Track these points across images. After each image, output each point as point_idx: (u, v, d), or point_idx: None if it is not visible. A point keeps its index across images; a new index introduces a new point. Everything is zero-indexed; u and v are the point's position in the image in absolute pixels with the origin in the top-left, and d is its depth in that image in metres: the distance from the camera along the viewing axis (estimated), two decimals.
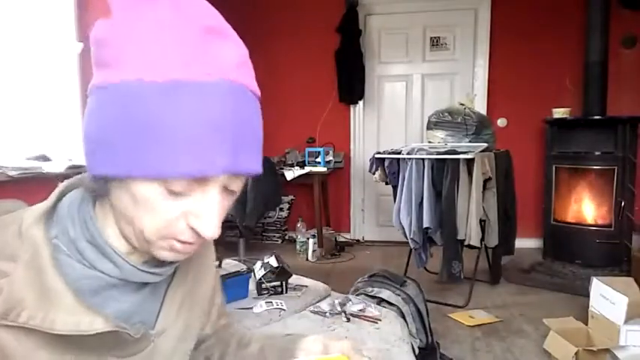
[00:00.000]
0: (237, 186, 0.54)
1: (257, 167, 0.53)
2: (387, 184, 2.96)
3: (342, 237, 4.26)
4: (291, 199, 4.29)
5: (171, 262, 0.59)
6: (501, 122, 3.98)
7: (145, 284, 0.61)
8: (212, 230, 0.51)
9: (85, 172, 0.56)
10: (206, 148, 0.47)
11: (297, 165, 3.81)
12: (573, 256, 3.31)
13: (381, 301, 1.76)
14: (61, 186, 0.58)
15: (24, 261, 0.51)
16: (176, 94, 0.46)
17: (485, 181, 2.68)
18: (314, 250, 3.73)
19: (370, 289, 1.84)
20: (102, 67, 0.49)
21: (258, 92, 0.56)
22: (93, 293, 0.55)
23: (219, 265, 2.47)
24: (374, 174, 2.96)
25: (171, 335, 0.67)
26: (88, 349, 0.55)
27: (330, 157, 3.92)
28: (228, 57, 0.50)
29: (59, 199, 0.58)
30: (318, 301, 1.69)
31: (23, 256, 0.51)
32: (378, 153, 2.93)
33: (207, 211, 0.50)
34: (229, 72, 0.50)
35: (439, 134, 2.91)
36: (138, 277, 0.58)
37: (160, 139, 0.46)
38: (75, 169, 1.76)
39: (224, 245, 4.14)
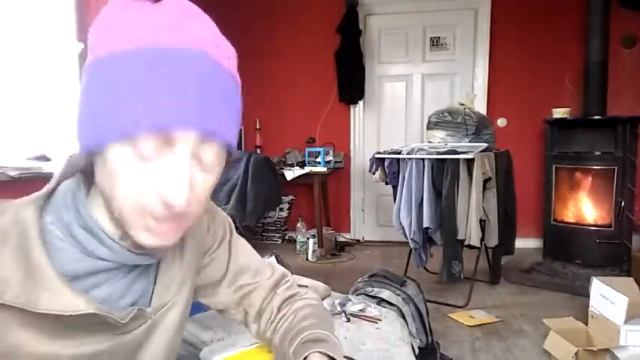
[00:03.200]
0: (209, 156, 0.53)
1: (227, 134, 0.54)
2: (387, 184, 2.95)
3: (342, 237, 4.26)
4: (291, 199, 4.29)
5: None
6: (501, 122, 3.98)
7: (135, 267, 0.61)
8: (180, 197, 0.50)
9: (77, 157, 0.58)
10: (171, 103, 0.48)
11: (297, 165, 3.81)
12: (573, 256, 3.31)
13: (381, 301, 1.76)
14: (57, 174, 0.59)
15: (12, 243, 0.52)
16: (144, 58, 0.49)
17: (485, 181, 2.68)
18: (314, 250, 3.73)
19: (370, 289, 1.84)
20: (89, 52, 0.53)
21: (236, 75, 0.57)
22: (84, 276, 0.56)
23: None
24: (374, 174, 2.96)
25: (174, 310, 0.68)
26: (72, 329, 0.56)
27: (330, 157, 3.92)
28: (199, 31, 0.53)
29: (56, 186, 0.59)
30: None
31: (12, 238, 0.52)
32: (378, 153, 2.93)
33: (175, 177, 0.50)
34: (201, 44, 0.52)
35: (439, 134, 2.91)
36: (132, 260, 0.58)
37: (127, 98, 0.48)
38: None
39: None
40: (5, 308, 0.51)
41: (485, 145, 2.78)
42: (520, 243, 3.43)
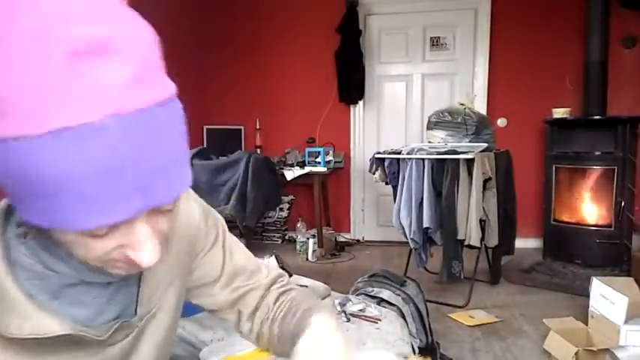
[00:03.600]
0: (169, 206, 0.48)
1: (178, 190, 0.46)
2: (387, 184, 2.95)
3: (342, 237, 4.26)
4: (291, 199, 4.29)
5: None
6: (501, 122, 3.98)
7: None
8: (150, 259, 0.47)
9: None
10: (108, 197, 0.41)
11: (297, 165, 3.81)
12: (573, 256, 3.31)
13: (381, 301, 1.76)
14: None
15: None
16: (58, 146, 0.38)
17: (485, 181, 2.68)
18: (314, 250, 3.73)
19: (370, 289, 1.84)
20: None
21: (170, 92, 0.45)
22: (55, 294, 0.53)
23: None
24: (374, 174, 2.96)
25: (162, 314, 0.66)
26: (53, 347, 0.53)
27: (330, 157, 3.92)
28: (110, 82, 0.39)
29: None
30: None
31: None
32: (378, 153, 2.94)
33: (139, 244, 0.47)
34: (118, 101, 0.39)
35: (439, 134, 2.91)
36: (99, 279, 0.55)
37: (57, 197, 0.40)
38: None
39: None
40: None
41: (486, 145, 2.78)
42: (520, 243, 3.43)
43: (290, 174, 3.64)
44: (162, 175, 0.43)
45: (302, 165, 3.80)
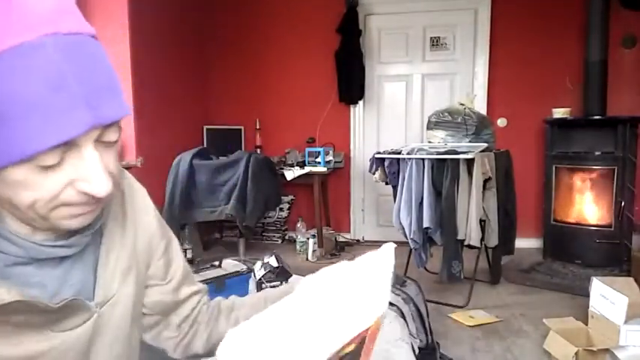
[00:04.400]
0: (112, 136, 0.50)
1: (121, 111, 0.49)
2: (387, 184, 2.95)
3: (342, 237, 4.26)
4: (291, 199, 4.29)
5: (84, 229, 0.56)
6: (501, 122, 3.98)
7: (63, 258, 0.57)
8: (103, 188, 0.49)
9: None
10: (56, 111, 0.43)
11: (297, 165, 3.81)
12: (573, 256, 3.31)
13: None
14: None
15: None
16: (2, 66, 0.42)
17: (485, 181, 2.68)
18: (314, 250, 3.73)
19: None
20: None
21: (92, 31, 0.49)
22: (3, 275, 0.52)
23: (219, 265, 2.47)
24: (374, 174, 2.96)
25: (122, 302, 0.65)
26: (15, 325, 0.52)
27: (330, 157, 3.91)
28: (43, 7, 0.44)
29: None
30: None
31: None
32: (378, 153, 2.93)
33: (91, 172, 0.48)
34: (49, 24, 0.44)
35: (439, 134, 2.91)
36: (45, 254, 0.55)
37: (4, 119, 0.42)
38: None
39: (224, 245, 4.14)
40: None
41: (486, 145, 2.78)
42: (520, 243, 3.43)
43: (290, 174, 3.64)
44: (105, 94, 0.47)
45: (302, 165, 3.79)
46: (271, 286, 1.69)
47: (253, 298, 0.83)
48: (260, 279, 1.68)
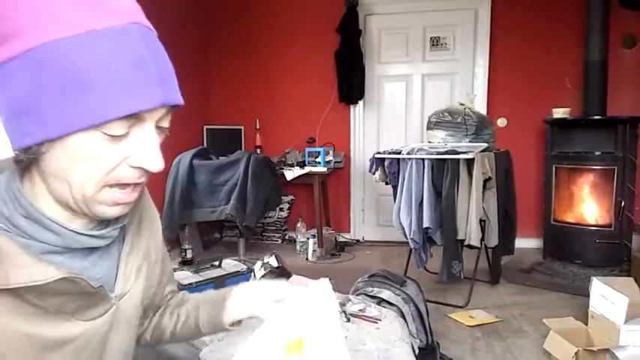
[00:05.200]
0: (167, 122, 0.57)
1: (180, 98, 0.56)
2: (387, 184, 2.95)
3: (342, 237, 4.26)
4: (291, 199, 4.29)
5: (115, 222, 0.61)
6: (501, 122, 3.98)
7: (93, 250, 0.61)
8: (158, 163, 0.55)
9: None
10: (136, 85, 0.50)
11: (297, 165, 3.81)
12: (573, 256, 3.31)
13: (381, 301, 1.76)
14: None
15: None
16: (92, 43, 0.48)
17: (486, 181, 2.68)
18: (314, 250, 3.73)
19: (370, 289, 1.84)
20: (2, 42, 0.49)
21: (156, 32, 0.58)
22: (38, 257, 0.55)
23: (219, 265, 2.48)
24: (374, 174, 2.96)
25: (134, 298, 0.70)
26: (49, 309, 0.56)
27: (330, 157, 3.91)
28: (125, 4, 0.53)
29: None
30: None
31: None
32: (378, 153, 2.93)
33: (149, 147, 0.54)
34: (132, 16, 0.52)
35: (439, 134, 2.90)
36: (80, 243, 0.58)
37: (90, 87, 0.48)
38: None
39: (224, 245, 4.14)
40: None
41: (486, 145, 2.78)
42: (520, 243, 3.43)
43: (290, 174, 3.64)
44: (172, 79, 0.54)
45: (302, 165, 3.80)
46: None
47: (197, 297, 0.88)
48: (260, 279, 1.68)
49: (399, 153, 2.82)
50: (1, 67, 0.49)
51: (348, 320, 1.51)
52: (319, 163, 3.77)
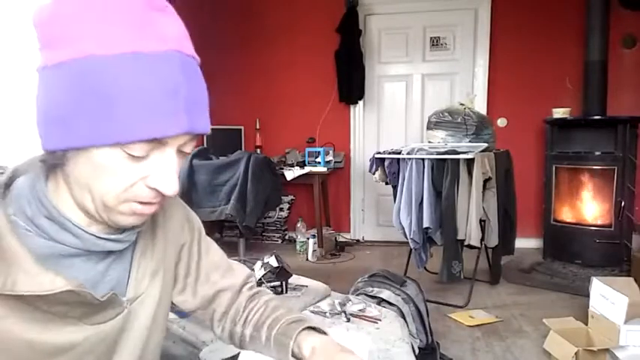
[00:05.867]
0: (190, 148, 0.58)
1: (208, 127, 0.57)
2: (387, 184, 2.95)
3: (342, 237, 4.26)
4: (291, 199, 4.29)
5: (132, 228, 0.61)
6: (501, 122, 3.98)
7: (109, 254, 0.62)
8: (173, 187, 0.55)
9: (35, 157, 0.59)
10: (164, 111, 0.51)
11: (297, 165, 3.81)
12: (573, 256, 3.31)
13: (381, 301, 1.76)
14: (12, 169, 0.59)
15: None
16: (132, 64, 0.50)
17: (486, 181, 2.68)
18: (314, 250, 3.73)
19: (370, 289, 1.84)
20: (49, 47, 0.51)
21: (199, 59, 0.59)
22: (55, 261, 0.56)
23: None
24: (374, 174, 2.96)
25: (148, 301, 0.69)
26: (55, 314, 0.56)
27: (330, 157, 3.91)
28: (173, 30, 0.54)
29: (11, 179, 0.59)
30: (318, 301, 1.69)
31: None
32: (378, 153, 2.93)
33: (166, 171, 0.55)
34: (176, 43, 0.53)
35: (439, 134, 2.90)
36: (99, 247, 0.59)
37: (120, 107, 0.49)
38: None
39: (224, 245, 4.13)
40: None
41: (486, 145, 2.78)
42: (520, 243, 3.43)
43: (290, 174, 3.64)
44: (200, 108, 0.55)
45: (302, 165, 3.79)
46: (271, 287, 1.69)
47: (263, 337, 0.81)
48: (260, 279, 1.68)
49: (399, 153, 2.82)
50: (47, 70, 0.51)
51: (348, 320, 1.51)
52: (319, 163, 3.77)
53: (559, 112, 3.45)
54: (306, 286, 1.77)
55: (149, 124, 0.50)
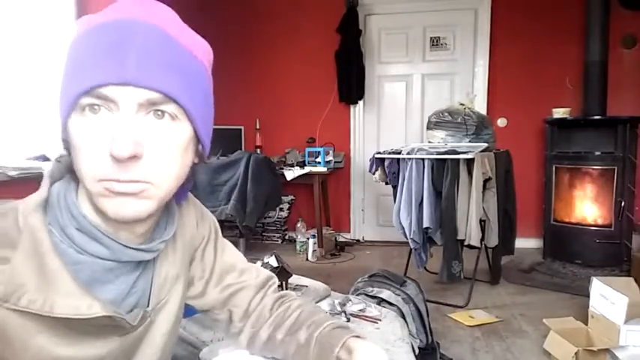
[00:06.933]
0: (166, 107, 0.53)
1: (167, 87, 0.52)
2: (387, 184, 2.95)
3: (342, 237, 4.26)
4: (291, 199, 4.29)
5: (160, 236, 0.62)
6: (501, 122, 3.98)
7: (138, 264, 0.62)
8: (120, 149, 0.49)
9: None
10: (110, 61, 0.51)
11: (297, 165, 3.81)
12: (573, 256, 3.31)
13: (381, 301, 1.76)
14: (47, 175, 0.59)
15: (25, 248, 0.52)
16: (92, 31, 0.53)
17: (486, 181, 2.68)
18: (314, 250, 3.73)
19: (370, 289, 1.84)
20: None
21: (202, 62, 0.58)
22: (89, 278, 0.56)
23: None
24: (374, 174, 2.96)
25: (168, 307, 0.69)
26: (86, 331, 0.57)
27: (330, 157, 3.91)
28: (161, 15, 0.55)
29: (49, 187, 0.59)
30: (318, 301, 1.68)
31: (23, 244, 0.52)
32: (378, 153, 2.93)
33: (119, 131, 0.51)
34: (156, 20, 0.54)
35: (439, 134, 2.90)
36: (129, 256, 0.58)
37: (76, 66, 0.53)
38: None
39: None
40: (23, 314, 0.52)
41: (486, 145, 2.78)
42: (520, 243, 3.43)
43: (290, 174, 3.64)
44: (151, 63, 0.52)
45: (302, 165, 3.79)
46: None
47: (301, 338, 0.77)
48: None
49: (399, 153, 2.82)
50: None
51: (348, 320, 1.51)
52: (319, 163, 3.77)
53: (559, 112, 3.45)
54: (306, 286, 1.77)
55: (94, 73, 0.51)
